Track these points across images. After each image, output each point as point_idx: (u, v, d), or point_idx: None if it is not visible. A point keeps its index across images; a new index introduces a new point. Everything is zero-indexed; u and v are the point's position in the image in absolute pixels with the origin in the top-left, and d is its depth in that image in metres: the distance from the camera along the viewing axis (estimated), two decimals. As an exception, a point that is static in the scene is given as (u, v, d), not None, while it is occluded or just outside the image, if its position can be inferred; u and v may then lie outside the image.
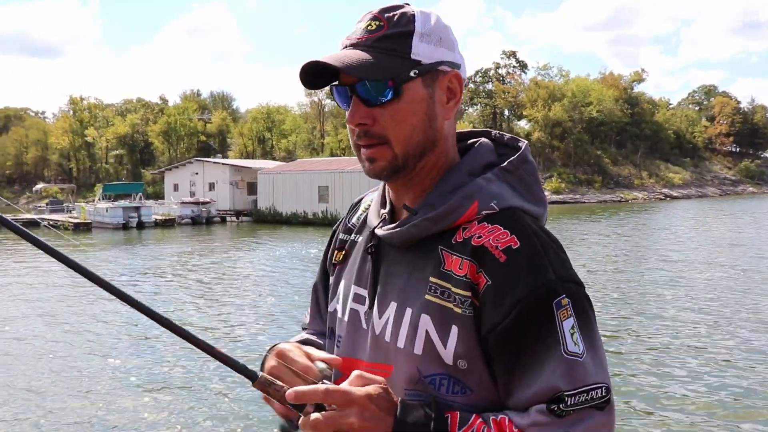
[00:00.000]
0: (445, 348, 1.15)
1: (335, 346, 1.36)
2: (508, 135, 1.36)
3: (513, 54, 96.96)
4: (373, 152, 1.21)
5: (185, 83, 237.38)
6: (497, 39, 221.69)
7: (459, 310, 1.14)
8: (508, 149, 1.32)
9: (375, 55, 1.17)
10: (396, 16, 1.19)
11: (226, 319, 13.60)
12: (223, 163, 57.20)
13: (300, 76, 1.21)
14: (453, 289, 1.16)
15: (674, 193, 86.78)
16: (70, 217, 46.81)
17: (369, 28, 1.19)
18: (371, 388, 1.07)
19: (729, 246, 25.87)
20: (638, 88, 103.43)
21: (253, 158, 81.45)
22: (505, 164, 1.26)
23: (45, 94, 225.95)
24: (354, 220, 1.47)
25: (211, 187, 55.30)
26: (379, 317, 1.25)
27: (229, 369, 1.08)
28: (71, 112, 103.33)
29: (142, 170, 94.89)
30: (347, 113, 1.21)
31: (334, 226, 1.53)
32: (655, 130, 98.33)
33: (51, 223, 46.05)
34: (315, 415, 1.04)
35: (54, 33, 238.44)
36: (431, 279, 1.18)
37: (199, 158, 63.84)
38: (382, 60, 1.16)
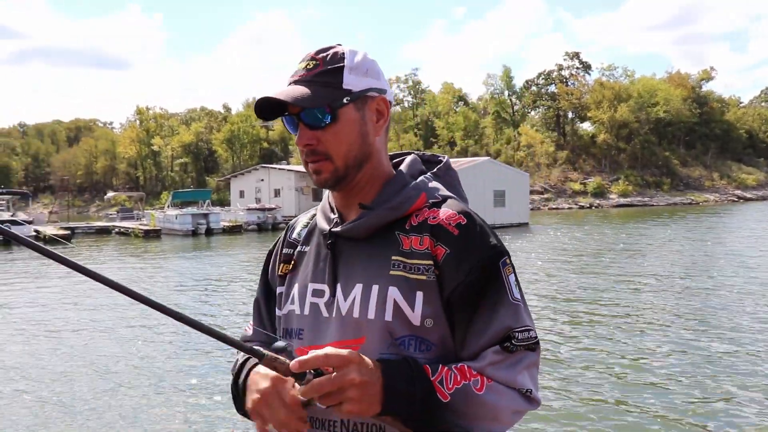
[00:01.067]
0: (413, 311, 1.37)
1: (296, 339, 1.50)
2: (428, 153, 1.65)
3: (576, 55, 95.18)
4: (318, 166, 1.45)
5: (248, 91, 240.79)
6: (558, 40, 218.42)
7: (424, 277, 1.38)
8: (430, 163, 1.62)
9: (314, 88, 1.41)
10: (329, 56, 1.44)
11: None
12: (288, 170, 57.48)
13: (255, 111, 1.46)
14: (415, 261, 1.39)
15: (748, 195, 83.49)
16: (140, 225, 47.68)
17: (308, 66, 1.44)
18: (357, 352, 1.27)
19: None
20: (707, 87, 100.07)
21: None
22: (435, 170, 1.57)
23: (113, 104, 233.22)
24: (295, 235, 1.64)
25: (277, 193, 55.73)
26: (344, 300, 1.43)
27: (237, 352, 1.27)
28: (138, 122, 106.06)
29: (207, 177, 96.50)
30: (296, 137, 1.46)
31: (270, 248, 1.70)
32: (725, 130, 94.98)
33: (122, 230, 47.23)
34: (318, 380, 1.21)
35: (121, 46, 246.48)
36: (393, 258, 1.41)
37: (264, 165, 64.39)
38: (320, 91, 1.41)
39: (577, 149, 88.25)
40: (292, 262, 1.60)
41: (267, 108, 1.45)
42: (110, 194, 74.31)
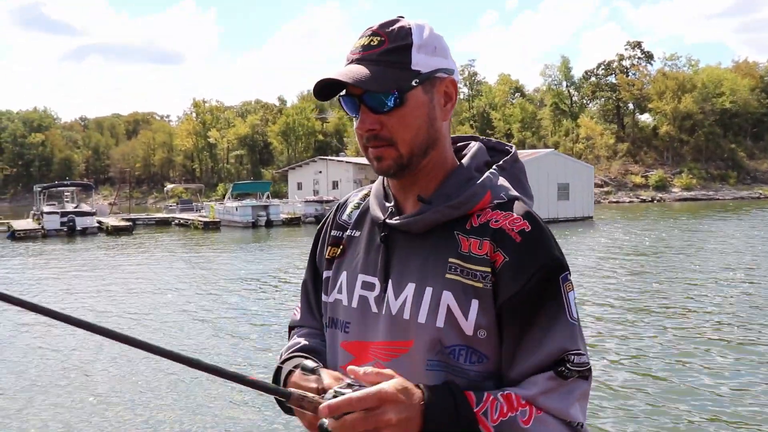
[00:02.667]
0: (467, 320, 1.27)
1: (342, 332, 1.43)
2: (494, 140, 1.50)
3: (638, 45, 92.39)
4: (380, 152, 1.33)
5: (302, 84, 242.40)
6: (613, 30, 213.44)
7: (480, 285, 1.27)
8: (496, 152, 1.48)
9: (380, 69, 1.28)
10: (395, 31, 1.31)
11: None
12: (346, 162, 57.08)
13: (314, 91, 1.35)
14: (473, 267, 1.28)
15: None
16: (200, 216, 47.92)
17: (372, 43, 1.31)
18: (396, 382, 1.15)
19: None
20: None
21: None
22: (501, 163, 1.43)
23: (168, 98, 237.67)
24: (344, 217, 1.54)
25: (335, 185, 55.42)
26: (395, 298, 1.34)
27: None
28: (194, 115, 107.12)
29: (262, 169, 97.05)
30: (356, 120, 1.34)
31: (319, 226, 1.61)
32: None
33: (181, 221, 47.49)
34: (351, 418, 1.10)
35: (177, 41, 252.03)
36: (450, 260, 1.30)
37: (322, 157, 64.16)
38: (387, 73, 1.28)
39: (638, 141, 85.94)
40: (341, 247, 1.50)
41: (326, 88, 1.33)
42: (169, 186, 75.20)
